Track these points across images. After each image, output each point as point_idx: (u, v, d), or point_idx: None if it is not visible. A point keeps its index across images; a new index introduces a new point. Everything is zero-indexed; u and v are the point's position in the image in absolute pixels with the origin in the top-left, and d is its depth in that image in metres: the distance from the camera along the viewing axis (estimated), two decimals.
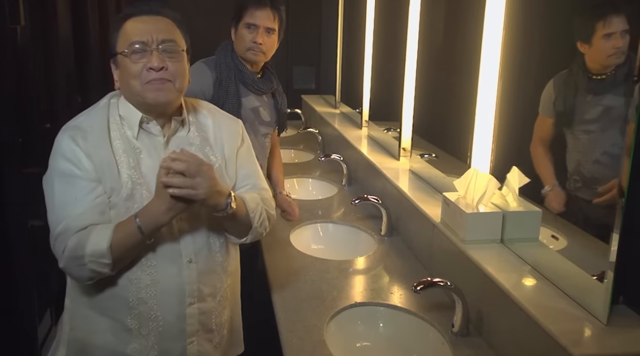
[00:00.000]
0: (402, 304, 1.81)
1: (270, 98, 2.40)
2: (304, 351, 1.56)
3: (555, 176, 1.69)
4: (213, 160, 1.51)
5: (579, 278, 1.43)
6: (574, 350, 1.22)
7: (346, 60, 4.08)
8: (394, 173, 2.53)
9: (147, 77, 1.39)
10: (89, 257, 1.32)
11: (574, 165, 1.62)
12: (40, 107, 2.53)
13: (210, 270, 1.49)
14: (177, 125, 1.50)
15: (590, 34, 1.50)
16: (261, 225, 1.54)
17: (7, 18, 2.11)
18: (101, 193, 1.38)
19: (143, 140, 1.46)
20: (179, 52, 1.43)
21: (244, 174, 1.59)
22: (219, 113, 1.63)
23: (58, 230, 1.36)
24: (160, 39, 1.40)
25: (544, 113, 1.69)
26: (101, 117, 1.45)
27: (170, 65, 1.40)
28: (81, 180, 1.37)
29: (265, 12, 2.20)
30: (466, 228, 1.72)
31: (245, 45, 2.21)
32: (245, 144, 1.63)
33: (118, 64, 1.44)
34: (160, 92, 1.40)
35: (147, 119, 1.45)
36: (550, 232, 1.69)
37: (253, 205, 1.51)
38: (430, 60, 2.47)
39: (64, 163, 1.38)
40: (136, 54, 1.39)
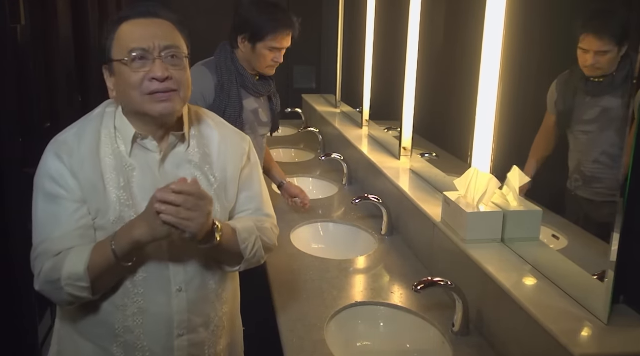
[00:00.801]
0: (403, 303, 1.81)
1: (267, 99, 2.41)
2: (305, 350, 1.56)
3: (537, 170, 1.72)
4: (212, 180, 1.39)
5: (580, 278, 1.43)
6: (575, 349, 1.22)
7: (347, 59, 4.07)
8: (395, 173, 2.53)
9: (149, 88, 1.27)
10: (65, 280, 1.24)
11: (575, 165, 1.62)
12: (41, 107, 2.53)
13: (202, 299, 1.39)
14: (175, 141, 1.38)
15: (577, 42, 1.53)
16: (255, 256, 1.41)
17: (8, 17, 2.11)
18: (85, 215, 1.29)
19: (137, 157, 1.34)
20: (182, 59, 1.31)
21: (245, 198, 1.47)
22: (226, 127, 1.50)
23: (37, 252, 1.29)
24: (162, 45, 1.28)
25: (550, 111, 1.69)
26: (92, 129, 1.34)
27: (174, 74, 1.28)
28: (65, 200, 1.29)
29: (289, 36, 2.25)
30: (467, 228, 1.72)
31: (267, 63, 2.24)
32: (250, 164, 1.49)
33: (114, 71, 1.31)
34: (166, 104, 1.29)
35: (141, 135, 1.34)
36: (550, 232, 1.69)
37: (245, 235, 1.37)
38: (430, 59, 2.47)
39: (48, 183, 1.30)
40: (136, 62, 1.27)
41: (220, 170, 1.41)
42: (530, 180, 1.71)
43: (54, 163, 1.30)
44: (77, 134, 1.33)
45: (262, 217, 1.49)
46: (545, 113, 1.70)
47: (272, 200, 1.60)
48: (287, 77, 4.74)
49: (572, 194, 1.61)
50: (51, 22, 2.68)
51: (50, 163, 1.30)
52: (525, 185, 1.73)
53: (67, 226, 1.28)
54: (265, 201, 1.52)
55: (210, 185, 1.38)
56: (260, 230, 1.43)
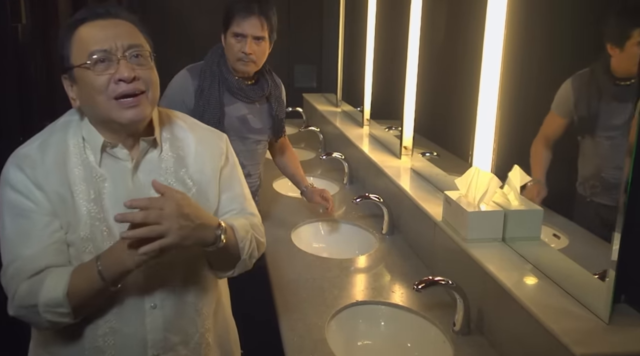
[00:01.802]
0: (404, 303, 1.81)
1: (264, 104, 2.27)
2: (305, 350, 1.56)
3: (546, 174, 1.67)
4: (189, 184, 1.31)
5: (581, 277, 1.43)
6: (576, 348, 1.22)
7: (347, 58, 4.07)
8: (396, 172, 2.53)
9: (116, 90, 1.18)
10: (44, 306, 1.14)
11: (592, 170, 1.56)
12: (41, 105, 2.53)
13: (179, 315, 1.30)
14: (147, 147, 1.29)
15: (624, 39, 1.42)
16: (250, 256, 1.34)
17: (9, 16, 2.12)
18: (58, 229, 1.20)
19: (107, 166, 1.25)
20: (147, 58, 1.23)
21: (228, 198, 1.39)
22: (199, 127, 1.42)
23: (9, 273, 1.19)
24: (125, 44, 1.20)
25: (557, 112, 1.64)
26: (58, 139, 1.25)
27: (141, 74, 1.20)
28: (34, 214, 1.19)
29: (252, 21, 2.08)
30: (468, 227, 1.72)
31: (235, 56, 2.11)
32: (229, 163, 1.42)
33: (75, 79, 1.22)
34: (135, 110, 1.20)
35: (110, 144, 1.25)
36: (551, 231, 1.69)
37: (242, 233, 1.31)
38: (431, 58, 2.46)
39: (13, 195, 1.20)
40: (99, 65, 1.18)
41: (197, 173, 1.34)
42: (544, 187, 1.68)
43: (15, 175, 1.20)
44: (40, 146, 1.24)
45: (249, 216, 1.42)
46: (546, 115, 1.66)
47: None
48: (287, 76, 4.74)
49: (586, 200, 1.56)
50: (52, 21, 2.68)
51: (12, 175, 1.21)
52: (535, 189, 1.68)
53: (40, 242, 1.19)
54: (248, 200, 1.45)
55: (188, 190, 1.30)
56: (253, 227, 1.38)
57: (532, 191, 1.74)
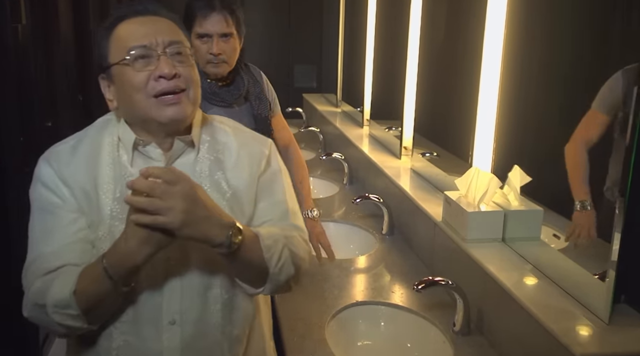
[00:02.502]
0: (403, 303, 1.81)
1: (244, 105, 2.08)
2: (305, 350, 1.56)
3: (591, 190, 1.50)
4: (224, 187, 1.21)
5: (581, 277, 1.43)
6: (576, 349, 1.22)
7: (347, 58, 4.07)
8: (395, 172, 2.53)
9: (156, 88, 1.13)
10: (51, 307, 1.08)
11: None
12: (42, 106, 2.53)
13: (201, 335, 1.17)
14: (182, 147, 1.21)
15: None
16: (282, 271, 1.16)
17: (9, 17, 2.12)
18: (83, 227, 1.15)
19: (139, 166, 1.16)
20: (188, 55, 1.18)
21: (265, 206, 1.25)
22: (243, 132, 1.32)
23: (30, 271, 1.15)
24: (166, 40, 1.15)
25: (601, 109, 1.47)
26: (92, 139, 1.22)
27: (182, 71, 1.15)
28: (60, 210, 1.15)
29: (215, 18, 1.92)
30: (467, 227, 1.72)
31: (203, 58, 1.94)
32: (271, 170, 1.29)
33: (113, 78, 1.17)
34: (176, 108, 1.14)
35: (142, 142, 1.19)
36: (551, 231, 1.69)
37: (270, 242, 1.15)
38: (431, 58, 2.46)
39: (41, 191, 1.17)
40: (138, 61, 1.13)
41: (235, 178, 1.23)
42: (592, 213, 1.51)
43: (45, 170, 1.18)
44: (73, 145, 1.21)
45: (288, 227, 1.25)
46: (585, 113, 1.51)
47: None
48: (287, 76, 4.75)
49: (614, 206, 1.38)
50: (52, 22, 2.69)
51: (42, 170, 1.19)
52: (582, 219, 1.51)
53: (62, 239, 1.14)
54: (293, 212, 1.28)
55: (222, 195, 1.20)
56: (288, 239, 1.20)
57: (581, 221, 1.55)
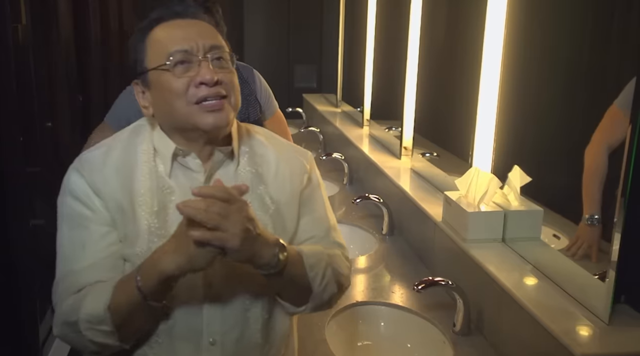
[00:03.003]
0: (404, 303, 1.81)
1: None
2: (305, 350, 1.56)
3: (603, 204, 1.46)
4: (267, 202, 1.16)
5: (581, 278, 1.43)
6: (576, 349, 1.22)
7: (347, 58, 4.07)
8: (396, 172, 2.53)
9: (197, 95, 1.07)
10: (84, 323, 1.03)
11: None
12: (42, 106, 2.53)
13: (241, 355, 1.13)
14: (222, 158, 1.16)
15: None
16: (325, 290, 1.15)
17: (9, 17, 2.11)
18: (115, 241, 1.10)
19: (178, 178, 1.13)
20: (229, 60, 1.13)
21: (308, 222, 1.22)
22: (281, 143, 1.27)
23: (60, 288, 1.10)
24: (208, 45, 1.09)
25: (625, 107, 1.35)
26: (126, 145, 1.16)
27: (223, 78, 1.09)
28: (91, 223, 1.10)
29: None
30: (468, 227, 1.72)
31: None
32: (312, 184, 1.25)
33: (150, 83, 1.12)
34: (218, 114, 1.08)
35: (182, 152, 1.13)
36: (551, 231, 1.69)
37: (313, 260, 1.13)
38: (431, 58, 2.46)
39: (71, 202, 1.12)
40: (179, 66, 1.08)
41: (277, 192, 1.18)
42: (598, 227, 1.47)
43: (76, 180, 1.12)
44: (105, 152, 1.15)
45: (332, 244, 1.24)
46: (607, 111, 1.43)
47: None
48: (287, 76, 4.75)
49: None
50: (52, 22, 2.68)
51: (73, 181, 1.13)
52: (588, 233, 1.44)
53: (94, 254, 1.09)
54: (333, 227, 1.27)
55: (266, 210, 1.15)
56: (331, 258, 1.18)
57: (586, 234, 1.53)
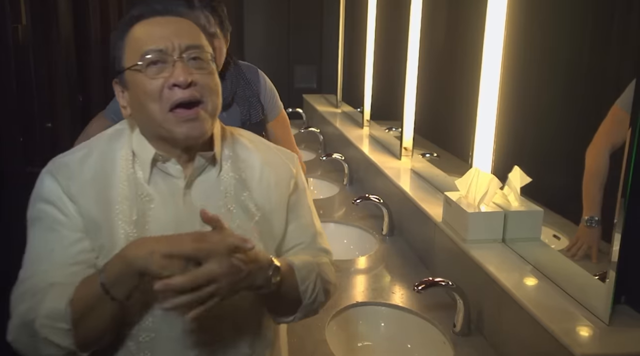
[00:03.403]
0: (404, 304, 1.81)
1: (231, 109, 1.91)
2: (305, 350, 1.56)
3: (603, 206, 1.45)
4: (252, 209, 1.12)
5: (581, 278, 1.43)
6: (576, 349, 1.22)
7: (348, 59, 4.07)
8: (396, 173, 2.53)
9: (171, 98, 1.02)
10: (43, 319, 0.96)
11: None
12: (42, 106, 2.53)
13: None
14: (204, 164, 1.11)
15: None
16: (314, 301, 1.14)
17: (9, 17, 2.12)
18: (87, 250, 1.04)
19: (157, 185, 1.08)
20: (208, 61, 1.07)
21: (295, 229, 1.19)
22: (267, 147, 1.23)
23: (20, 289, 1.03)
24: (184, 44, 1.04)
25: (627, 108, 1.32)
26: (104, 150, 1.10)
27: (199, 79, 1.04)
28: (63, 227, 1.04)
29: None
30: (468, 228, 1.72)
31: None
32: (299, 189, 1.21)
33: (127, 83, 1.07)
34: (192, 124, 1.03)
35: (162, 157, 1.08)
36: (551, 232, 1.69)
37: (305, 273, 1.11)
38: (431, 59, 2.46)
39: (44, 206, 1.06)
40: (152, 67, 1.03)
41: (262, 198, 1.14)
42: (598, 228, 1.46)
43: (49, 184, 1.07)
44: (82, 158, 1.10)
45: (318, 252, 1.21)
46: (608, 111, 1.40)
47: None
48: (287, 76, 4.75)
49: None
50: (52, 22, 2.69)
51: (45, 184, 1.07)
52: (587, 235, 1.42)
53: (63, 259, 1.03)
54: (320, 233, 1.24)
55: (250, 217, 1.12)
56: (320, 267, 1.16)
57: (585, 236, 1.53)
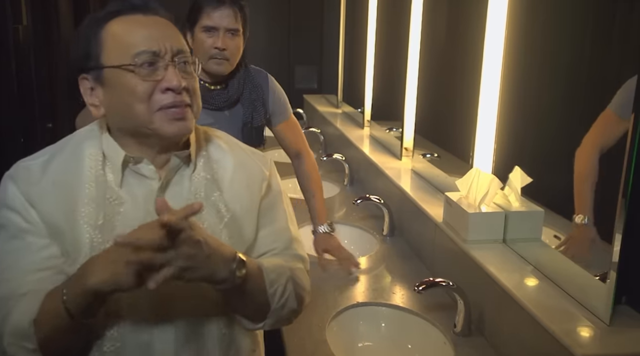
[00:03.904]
0: (404, 304, 1.81)
1: (234, 110, 1.97)
2: (306, 350, 1.56)
3: (594, 205, 1.46)
4: (222, 210, 1.10)
5: (582, 279, 1.43)
6: (577, 350, 1.22)
7: (348, 59, 4.07)
8: (396, 173, 2.53)
9: (161, 101, 1.01)
10: (9, 336, 0.95)
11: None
12: (42, 107, 2.53)
13: None
14: (179, 163, 1.09)
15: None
16: (284, 307, 1.10)
17: (10, 18, 2.12)
18: (55, 255, 1.02)
19: (131, 187, 1.06)
20: (191, 64, 1.07)
21: (268, 234, 1.16)
22: (240, 148, 1.21)
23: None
24: (175, 49, 1.03)
25: (619, 113, 1.33)
26: (70, 153, 1.07)
27: (188, 84, 1.04)
28: (29, 235, 1.02)
29: (225, 12, 1.85)
30: (468, 228, 1.72)
31: (206, 53, 1.85)
32: (272, 192, 1.19)
33: (105, 81, 1.03)
34: (182, 123, 1.03)
35: (133, 159, 1.06)
36: (552, 232, 1.69)
37: (274, 276, 1.08)
38: (432, 59, 2.46)
39: (9, 214, 1.03)
40: (145, 68, 1.01)
41: (232, 200, 1.12)
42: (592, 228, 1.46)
43: (10, 191, 1.04)
44: (45, 162, 1.07)
45: (292, 257, 1.18)
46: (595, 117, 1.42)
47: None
48: (288, 76, 4.75)
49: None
50: (53, 23, 2.69)
51: (9, 191, 1.04)
52: (580, 233, 1.43)
53: (28, 265, 1.00)
54: (295, 239, 1.20)
55: (220, 218, 1.10)
56: (292, 271, 1.13)
57: (577, 237, 1.54)
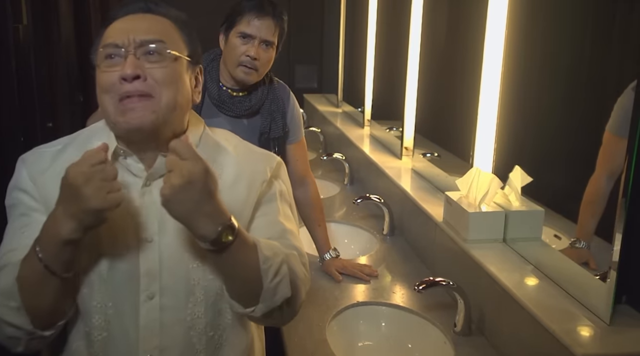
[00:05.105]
0: (404, 303, 1.81)
1: (253, 119, 1.92)
2: (306, 350, 1.56)
3: (595, 231, 1.47)
4: None
5: (582, 278, 1.43)
6: (577, 349, 1.22)
7: (348, 58, 4.07)
8: (396, 173, 2.53)
9: (119, 91, 0.99)
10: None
11: None
12: (42, 106, 2.53)
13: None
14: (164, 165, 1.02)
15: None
16: (277, 290, 1.02)
17: (10, 17, 2.12)
18: None
19: (122, 180, 1.02)
20: (165, 55, 1.02)
21: (260, 225, 1.11)
22: (246, 148, 1.18)
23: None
24: (139, 39, 1.01)
25: (618, 132, 1.27)
26: (80, 144, 1.09)
27: (152, 73, 1.00)
28: (35, 212, 1.05)
29: (266, 22, 1.82)
30: (468, 228, 1.72)
31: (237, 59, 1.81)
32: (273, 191, 1.15)
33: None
34: (132, 114, 0.99)
35: (123, 152, 1.05)
36: (552, 232, 1.69)
37: (269, 253, 1.01)
38: (432, 58, 2.46)
39: (17, 194, 1.07)
40: (106, 60, 1.01)
41: (229, 199, 1.04)
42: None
43: (21, 171, 1.08)
44: (57, 152, 1.10)
45: (287, 247, 1.11)
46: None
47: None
48: (288, 76, 4.74)
49: None
50: (53, 22, 2.69)
51: (19, 172, 1.09)
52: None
53: (32, 238, 0.99)
54: (290, 231, 1.15)
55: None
56: (287, 256, 1.06)
57: (570, 256, 1.53)
